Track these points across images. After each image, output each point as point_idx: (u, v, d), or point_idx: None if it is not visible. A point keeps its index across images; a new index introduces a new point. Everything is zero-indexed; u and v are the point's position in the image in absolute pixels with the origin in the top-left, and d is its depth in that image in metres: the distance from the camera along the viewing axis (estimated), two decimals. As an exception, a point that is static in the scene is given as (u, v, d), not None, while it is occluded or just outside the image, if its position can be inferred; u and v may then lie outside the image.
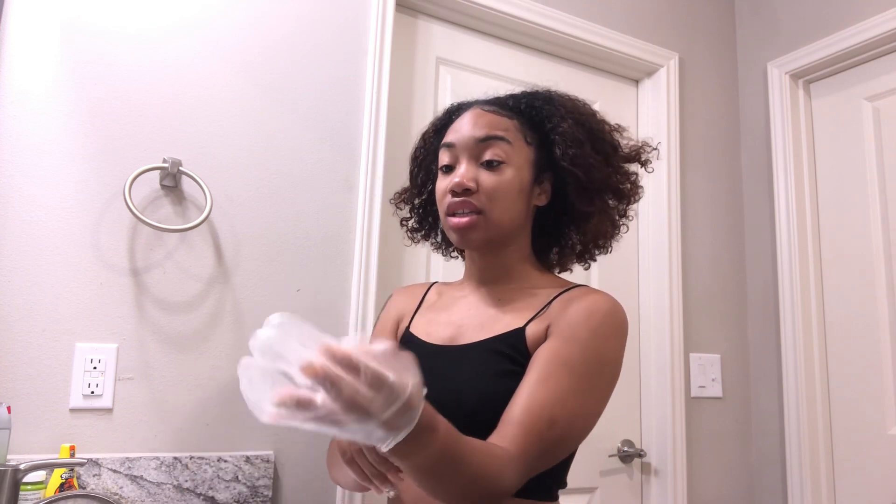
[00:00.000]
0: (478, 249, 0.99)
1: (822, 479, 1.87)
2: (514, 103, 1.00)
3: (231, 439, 1.33)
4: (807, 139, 2.05)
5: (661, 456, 1.89)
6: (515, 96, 1.02)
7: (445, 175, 0.97)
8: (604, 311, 0.89)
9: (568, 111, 0.97)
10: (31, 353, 1.18)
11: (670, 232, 1.98)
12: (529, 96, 1.01)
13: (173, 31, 1.37)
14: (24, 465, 0.99)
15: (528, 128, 0.97)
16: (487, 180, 0.92)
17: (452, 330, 0.98)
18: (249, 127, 1.43)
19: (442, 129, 1.04)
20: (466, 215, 0.92)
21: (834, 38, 1.95)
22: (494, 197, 0.92)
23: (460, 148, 0.95)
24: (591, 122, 0.98)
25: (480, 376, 0.89)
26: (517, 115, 0.98)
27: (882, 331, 1.81)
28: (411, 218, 1.14)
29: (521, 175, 0.95)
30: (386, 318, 1.12)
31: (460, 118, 0.98)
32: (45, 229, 1.22)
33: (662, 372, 1.91)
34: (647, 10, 2.09)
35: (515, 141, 0.95)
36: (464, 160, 0.94)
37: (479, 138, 0.93)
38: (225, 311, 1.36)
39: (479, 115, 0.96)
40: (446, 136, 0.98)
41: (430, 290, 1.11)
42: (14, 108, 1.22)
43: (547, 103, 0.98)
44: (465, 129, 0.95)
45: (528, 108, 0.98)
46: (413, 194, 1.12)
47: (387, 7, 1.60)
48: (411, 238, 1.16)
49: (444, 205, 0.95)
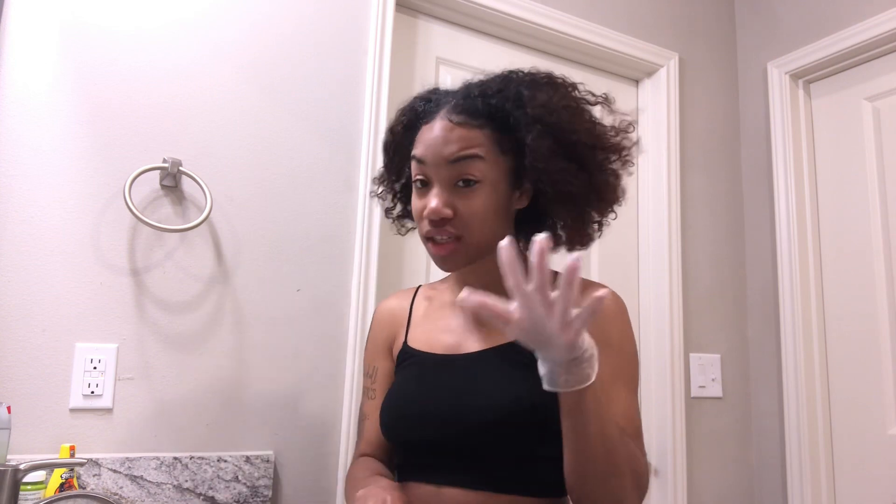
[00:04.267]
0: (460, 269, 0.97)
1: (822, 479, 1.87)
2: (484, 106, 0.91)
3: (231, 439, 1.33)
4: (807, 139, 2.05)
5: (661, 456, 1.88)
6: (486, 93, 0.93)
7: (420, 191, 0.92)
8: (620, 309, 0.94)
9: (536, 116, 0.89)
10: (31, 353, 1.18)
11: (670, 232, 1.98)
12: (500, 95, 0.92)
13: (174, 31, 1.37)
14: (24, 465, 0.99)
15: (502, 134, 0.90)
16: (463, 206, 0.88)
17: (453, 337, 0.97)
18: (249, 127, 1.43)
19: (410, 126, 0.98)
20: (445, 242, 0.90)
21: (834, 38, 1.95)
22: (471, 222, 0.89)
23: (431, 166, 0.89)
24: (561, 123, 0.89)
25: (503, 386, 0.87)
26: (489, 120, 0.90)
27: (882, 331, 1.81)
28: (395, 207, 1.10)
29: (498, 191, 0.91)
30: (377, 337, 1.08)
31: (429, 126, 0.91)
32: (45, 229, 1.22)
33: (662, 372, 1.91)
34: (647, 10, 2.09)
35: (489, 155, 0.89)
36: (437, 183, 0.90)
37: (450, 160, 0.88)
38: (225, 311, 1.36)
39: (448, 129, 0.89)
40: (416, 147, 0.93)
41: (418, 297, 1.08)
42: (14, 108, 1.22)
43: (517, 107, 0.90)
44: (435, 146, 0.89)
45: (499, 112, 0.91)
46: (392, 180, 1.07)
47: (387, 7, 1.60)
48: (399, 228, 1.11)
49: (422, 228, 0.92)
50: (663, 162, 2.01)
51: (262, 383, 1.37)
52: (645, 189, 2.04)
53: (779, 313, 2.00)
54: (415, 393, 0.94)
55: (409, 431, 0.93)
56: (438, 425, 0.88)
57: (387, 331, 1.07)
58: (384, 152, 1.07)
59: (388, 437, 0.97)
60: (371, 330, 1.11)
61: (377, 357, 1.07)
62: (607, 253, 1.97)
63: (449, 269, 0.95)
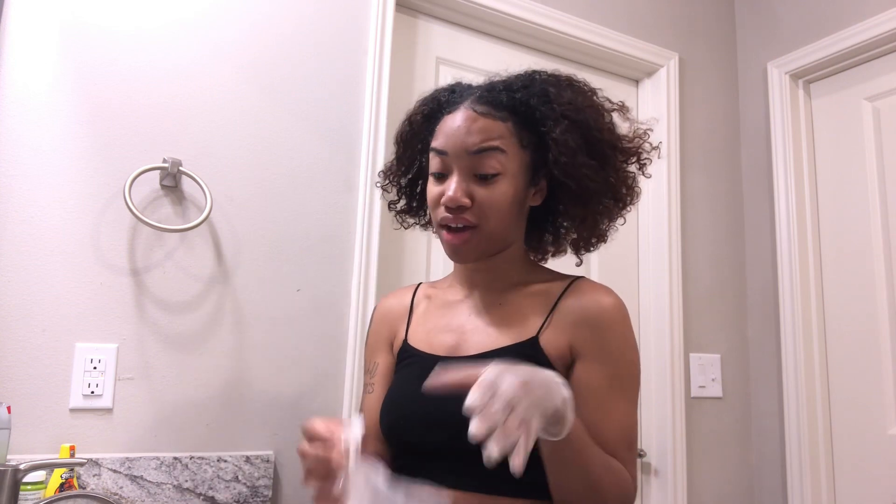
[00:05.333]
0: (471, 263, 0.97)
1: (822, 479, 1.87)
2: (508, 99, 0.92)
3: (231, 439, 1.33)
4: (807, 139, 2.05)
5: (660, 456, 1.88)
6: (511, 88, 0.94)
7: (437, 182, 0.93)
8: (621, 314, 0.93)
9: (564, 112, 0.91)
10: (31, 353, 1.18)
11: (670, 232, 1.98)
12: (526, 90, 0.93)
13: (174, 31, 1.37)
14: (24, 465, 0.99)
15: (524, 128, 0.92)
16: (482, 195, 0.89)
17: (454, 337, 0.97)
18: (249, 127, 1.43)
19: (431, 116, 0.98)
20: (460, 230, 0.90)
21: (834, 38, 1.95)
22: (489, 211, 0.90)
23: (453, 157, 0.90)
24: (588, 120, 0.92)
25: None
26: (511, 114, 0.91)
27: (882, 331, 1.81)
28: (399, 200, 1.10)
29: (517, 184, 0.91)
30: (378, 333, 1.08)
31: (452, 116, 0.92)
32: (46, 229, 1.22)
33: (662, 372, 1.91)
34: (647, 10, 2.09)
35: (510, 148, 0.90)
36: (456, 171, 0.90)
37: (472, 150, 0.89)
38: (225, 311, 1.36)
39: (471, 120, 0.90)
40: (437, 139, 0.93)
41: (418, 294, 1.07)
42: (14, 108, 1.22)
43: (543, 103, 0.92)
44: (457, 135, 0.90)
45: (524, 106, 0.92)
46: (401, 173, 1.07)
47: (387, 7, 1.60)
48: (400, 222, 1.11)
49: (437, 215, 0.93)
50: (663, 162, 2.01)
51: (262, 383, 1.37)
52: (645, 189, 2.03)
53: (779, 313, 2.00)
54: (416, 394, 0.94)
55: (409, 432, 0.93)
56: (436, 428, 0.88)
57: (387, 327, 1.07)
58: (398, 144, 1.06)
59: (388, 437, 0.97)
60: (371, 326, 1.11)
61: (377, 352, 1.07)
62: (607, 253, 1.97)
63: (461, 259, 0.95)
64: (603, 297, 0.93)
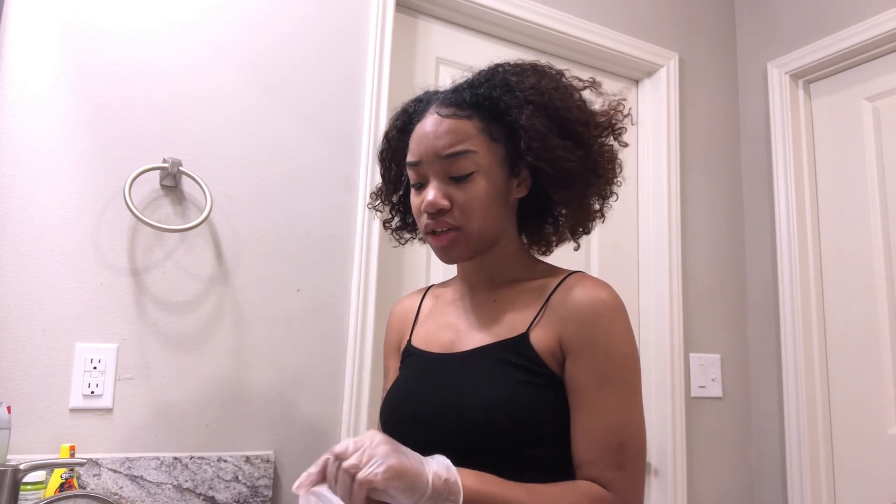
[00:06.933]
0: (464, 261, 0.97)
1: (822, 479, 1.87)
2: (471, 97, 0.92)
3: (231, 439, 1.33)
4: (807, 139, 2.05)
5: (660, 456, 1.89)
6: (473, 85, 0.94)
7: (418, 192, 0.93)
8: (609, 308, 0.89)
9: (527, 98, 0.90)
10: (31, 353, 1.19)
11: (670, 232, 1.98)
12: (488, 84, 0.93)
13: (174, 31, 1.37)
14: (24, 465, 0.99)
15: (492, 122, 0.91)
16: (460, 196, 0.89)
17: (450, 335, 0.97)
18: (249, 127, 1.43)
19: (404, 129, 0.99)
20: (445, 234, 0.91)
21: (834, 38, 1.95)
22: (470, 211, 0.89)
23: (426, 164, 0.90)
24: (554, 101, 0.90)
25: (487, 386, 0.87)
26: (476, 110, 0.91)
27: (882, 331, 1.81)
28: (393, 217, 1.10)
29: (494, 179, 0.91)
30: (390, 339, 1.10)
31: (421, 124, 0.93)
32: (45, 229, 1.22)
33: (662, 372, 1.92)
34: (647, 10, 2.09)
35: (480, 146, 0.90)
36: (432, 177, 0.91)
37: (442, 155, 0.89)
38: (225, 311, 1.36)
39: (437, 124, 0.90)
40: (410, 152, 0.94)
41: (426, 297, 1.09)
42: (14, 108, 1.22)
43: (506, 92, 0.91)
44: (426, 141, 0.90)
45: (487, 100, 0.91)
46: (390, 191, 1.08)
47: (387, 7, 1.60)
48: (397, 239, 1.12)
49: (422, 223, 0.93)
50: (663, 162, 2.01)
51: (262, 383, 1.37)
52: (645, 189, 2.04)
53: (779, 313, 2.00)
54: (411, 392, 0.95)
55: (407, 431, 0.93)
56: (434, 426, 0.89)
57: (396, 331, 1.09)
58: (380, 163, 1.06)
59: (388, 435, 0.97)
60: (386, 331, 1.13)
61: (388, 357, 1.09)
62: (607, 253, 1.97)
63: (451, 260, 0.95)
64: (593, 290, 0.90)
